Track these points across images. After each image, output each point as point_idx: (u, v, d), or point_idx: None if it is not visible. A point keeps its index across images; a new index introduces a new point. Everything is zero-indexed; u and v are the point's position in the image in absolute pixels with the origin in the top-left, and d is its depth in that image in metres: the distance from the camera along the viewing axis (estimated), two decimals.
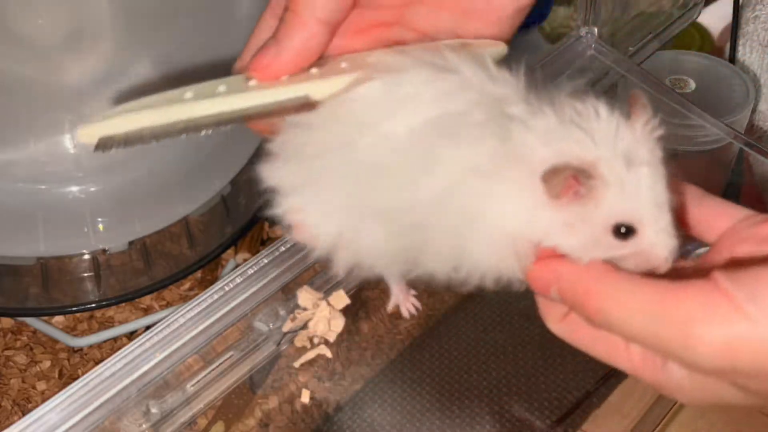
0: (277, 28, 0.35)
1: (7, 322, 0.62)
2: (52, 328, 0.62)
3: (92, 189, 0.65)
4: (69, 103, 0.62)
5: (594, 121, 0.30)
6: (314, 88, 0.34)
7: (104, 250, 0.63)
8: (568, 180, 0.28)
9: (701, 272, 0.27)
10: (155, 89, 0.36)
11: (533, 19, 0.77)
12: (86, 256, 0.63)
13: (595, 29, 0.58)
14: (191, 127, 0.35)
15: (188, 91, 0.35)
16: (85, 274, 0.62)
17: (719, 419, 0.53)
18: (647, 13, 0.63)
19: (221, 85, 0.35)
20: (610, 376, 0.53)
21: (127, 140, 0.34)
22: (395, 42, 0.37)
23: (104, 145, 0.34)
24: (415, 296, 0.44)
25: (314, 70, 0.35)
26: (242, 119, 0.35)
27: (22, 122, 0.62)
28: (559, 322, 0.31)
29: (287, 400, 0.52)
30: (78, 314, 0.62)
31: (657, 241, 0.30)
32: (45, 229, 0.63)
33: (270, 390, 0.52)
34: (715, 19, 0.79)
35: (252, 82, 0.35)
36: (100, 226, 0.64)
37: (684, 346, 0.26)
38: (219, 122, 0.35)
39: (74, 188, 0.65)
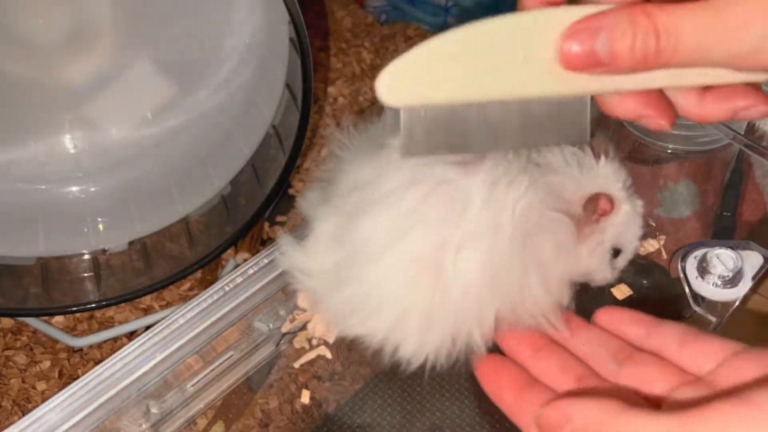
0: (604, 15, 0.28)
1: (7, 322, 0.62)
2: (52, 328, 0.62)
3: (92, 189, 0.65)
4: (69, 103, 0.62)
5: (596, 165, 0.38)
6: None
7: (104, 250, 0.63)
8: (602, 202, 0.37)
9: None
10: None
11: None
12: (86, 256, 0.63)
13: None
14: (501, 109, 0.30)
15: (489, 54, 0.29)
16: (85, 274, 0.62)
17: None
18: None
19: (519, 51, 0.29)
20: None
21: (437, 130, 0.29)
22: None
23: (412, 129, 0.29)
24: None
25: None
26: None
27: (22, 122, 0.62)
28: None
29: (287, 400, 0.52)
30: (78, 314, 0.62)
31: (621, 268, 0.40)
32: (45, 229, 0.63)
33: (270, 390, 0.52)
34: None
35: (555, 65, 0.29)
36: (100, 226, 0.64)
37: None
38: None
39: (74, 188, 0.65)
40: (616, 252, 0.39)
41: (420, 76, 0.28)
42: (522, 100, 0.30)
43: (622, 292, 0.54)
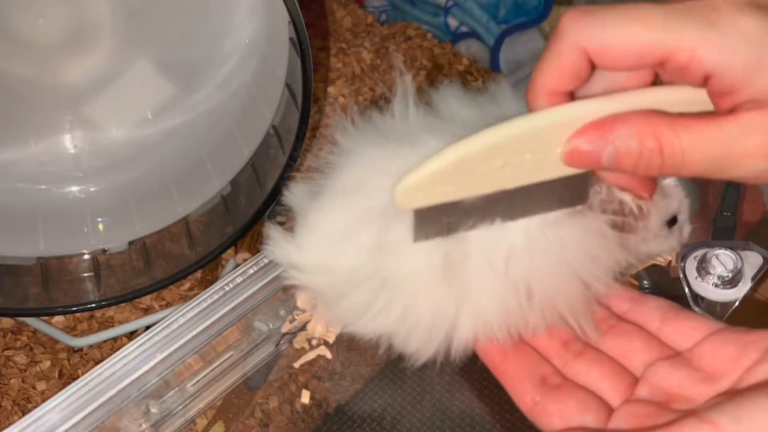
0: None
1: (7, 322, 0.62)
2: (52, 328, 0.62)
3: (92, 189, 0.65)
4: (69, 103, 0.62)
5: None
6: None
7: (104, 250, 0.63)
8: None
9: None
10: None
11: (533, 19, 0.77)
12: (86, 256, 0.63)
13: None
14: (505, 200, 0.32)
15: (498, 159, 0.31)
16: (85, 274, 0.62)
17: None
18: None
19: (527, 153, 0.31)
20: None
21: (444, 216, 0.32)
22: None
23: (422, 219, 0.32)
24: None
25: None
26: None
27: (22, 122, 0.62)
28: None
29: (287, 400, 0.52)
30: (78, 314, 0.62)
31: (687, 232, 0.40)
32: (45, 229, 0.63)
33: (270, 390, 0.52)
34: None
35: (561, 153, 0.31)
36: (100, 226, 0.64)
37: None
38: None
39: (74, 188, 0.65)
40: (672, 221, 0.38)
41: (429, 186, 0.31)
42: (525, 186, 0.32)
43: None
